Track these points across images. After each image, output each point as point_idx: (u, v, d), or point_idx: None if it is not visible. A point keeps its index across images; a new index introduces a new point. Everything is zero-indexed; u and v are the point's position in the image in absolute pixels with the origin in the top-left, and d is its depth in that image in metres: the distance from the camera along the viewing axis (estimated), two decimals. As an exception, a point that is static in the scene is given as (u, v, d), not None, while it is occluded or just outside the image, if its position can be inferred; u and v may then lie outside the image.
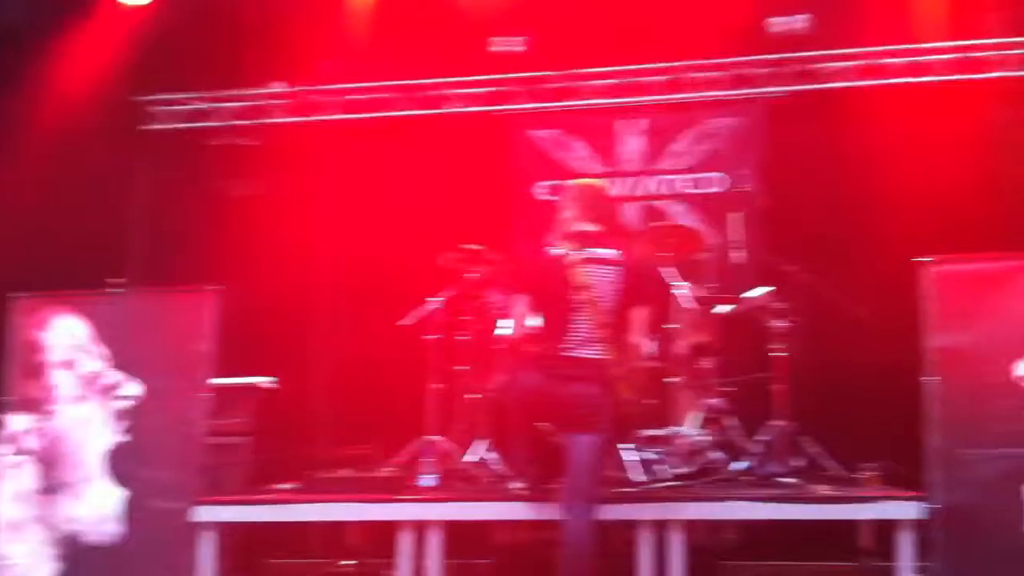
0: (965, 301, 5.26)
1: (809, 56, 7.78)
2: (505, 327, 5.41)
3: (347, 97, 8.25)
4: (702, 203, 7.70)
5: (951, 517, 5.05)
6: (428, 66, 8.15)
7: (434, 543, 5.31)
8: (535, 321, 5.03)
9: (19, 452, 5.69)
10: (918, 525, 5.09)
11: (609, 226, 5.15)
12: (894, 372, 5.82)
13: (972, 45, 7.60)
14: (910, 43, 7.70)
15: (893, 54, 7.72)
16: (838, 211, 7.39)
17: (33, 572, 5.55)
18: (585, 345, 4.87)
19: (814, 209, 7.42)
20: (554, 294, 4.92)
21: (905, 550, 5.09)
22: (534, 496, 5.20)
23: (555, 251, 4.99)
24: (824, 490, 5.48)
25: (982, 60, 7.60)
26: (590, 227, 5.06)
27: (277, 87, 8.23)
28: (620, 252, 5.01)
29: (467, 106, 8.17)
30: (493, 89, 8.17)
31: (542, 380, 4.89)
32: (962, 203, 7.11)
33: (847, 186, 7.45)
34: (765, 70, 7.83)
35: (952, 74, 7.63)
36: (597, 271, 4.91)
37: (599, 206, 5.15)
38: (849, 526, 5.52)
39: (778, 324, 6.11)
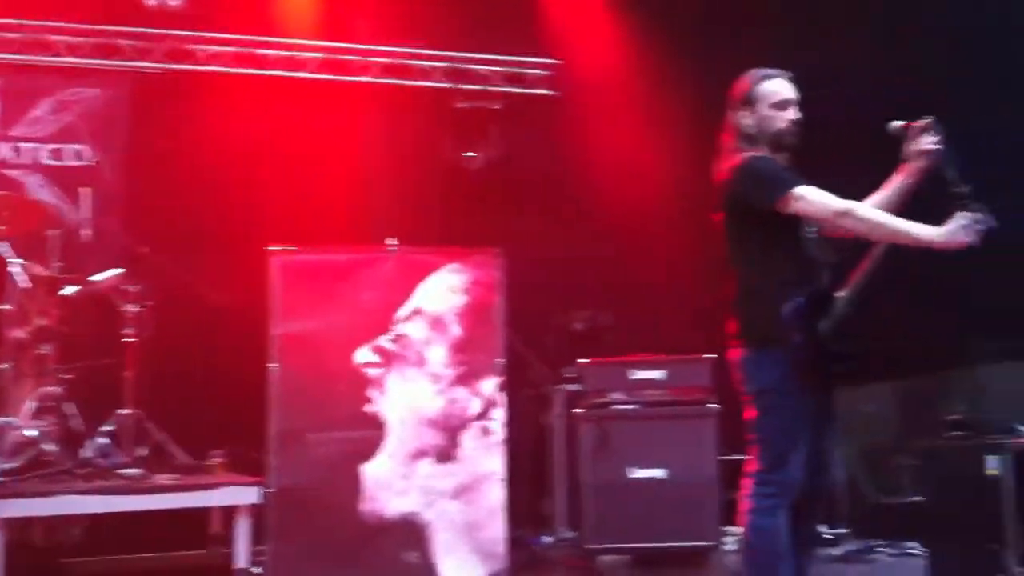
0: (310, 290, 5.44)
1: (184, 36, 7.58)
2: None
3: None
4: (59, 176, 7.09)
5: (289, 499, 5.20)
6: None
7: None
8: None
9: None
10: (260, 509, 5.15)
11: None
12: (247, 359, 5.82)
13: (341, 48, 7.96)
14: (285, 37, 7.84)
15: (269, 45, 7.81)
16: (204, 196, 7.23)
17: None
18: None
19: (179, 192, 7.18)
20: None
21: (243, 534, 5.13)
22: None
23: None
24: (167, 479, 5.33)
25: (349, 63, 7.99)
26: None
27: None
28: None
29: None
30: None
31: None
32: (325, 198, 7.41)
33: (214, 171, 7.34)
34: (134, 43, 7.47)
35: (322, 73, 7.91)
36: None
37: None
38: (203, 514, 5.45)
39: (129, 308, 5.83)
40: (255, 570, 5.09)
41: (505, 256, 5.81)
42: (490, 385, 5.56)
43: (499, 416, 5.52)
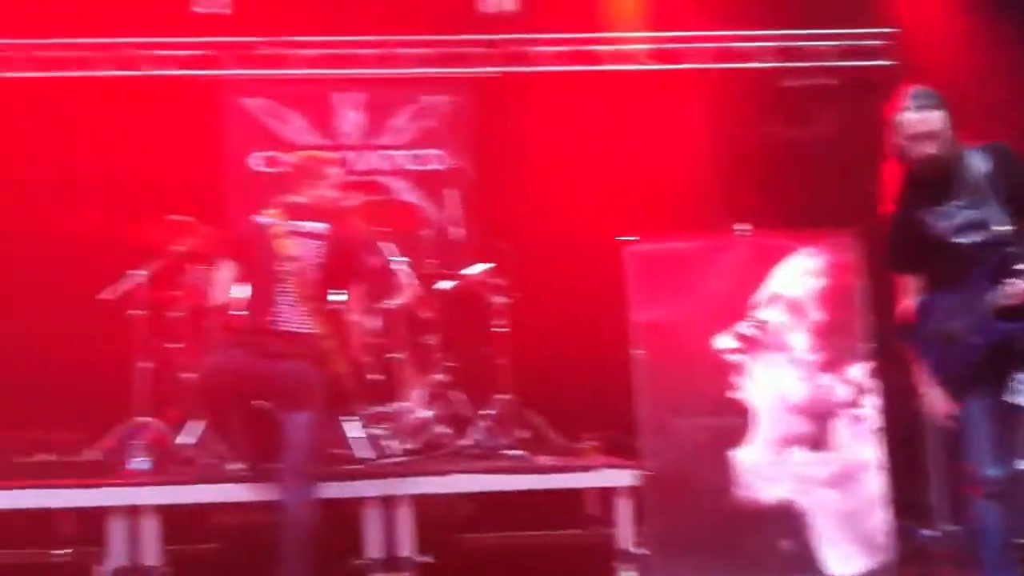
0: (665, 279, 5.52)
1: (519, 38, 7.88)
2: (214, 300, 5.14)
3: (35, 53, 7.47)
4: (422, 179, 7.65)
5: (663, 483, 5.29)
6: (124, 25, 7.54)
7: (149, 529, 4.96)
8: (241, 292, 4.84)
9: None
10: (635, 491, 5.30)
11: (322, 198, 4.97)
12: (610, 345, 6.00)
13: (668, 37, 8.01)
14: (613, 31, 7.99)
15: (598, 41, 7.98)
16: (550, 191, 7.52)
17: None
18: (291, 319, 4.72)
19: (525, 188, 7.54)
20: (258, 265, 4.77)
21: (624, 516, 5.30)
22: (252, 477, 4.98)
23: (260, 220, 4.84)
24: (547, 461, 5.60)
25: (677, 52, 8.04)
26: (299, 198, 4.91)
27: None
28: (327, 225, 4.88)
29: (169, 69, 7.63)
30: (197, 52, 7.68)
31: (248, 357, 4.70)
32: (665, 187, 7.52)
33: (557, 167, 7.61)
34: (476, 50, 7.87)
35: (651, 63, 8.00)
36: (302, 243, 4.78)
37: (311, 178, 4.98)
38: (576, 495, 5.66)
39: (498, 300, 6.20)
40: (641, 551, 5.23)
41: (863, 237, 5.64)
42: (858, 371, 5.44)
43: (871, 403, 5.39)
